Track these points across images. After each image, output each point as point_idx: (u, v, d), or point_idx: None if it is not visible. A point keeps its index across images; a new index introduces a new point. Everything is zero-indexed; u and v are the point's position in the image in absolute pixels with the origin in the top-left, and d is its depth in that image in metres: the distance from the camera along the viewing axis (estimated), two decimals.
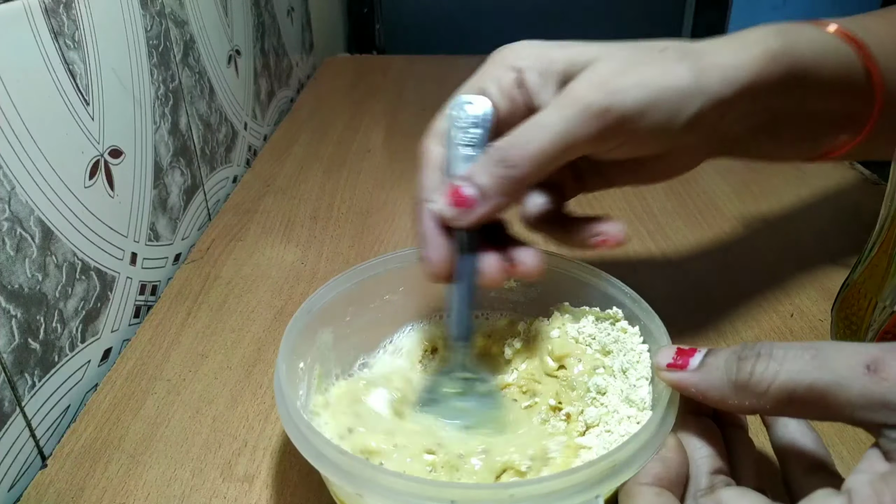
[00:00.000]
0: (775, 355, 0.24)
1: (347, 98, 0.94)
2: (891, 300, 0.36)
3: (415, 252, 0.37)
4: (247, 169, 0.73)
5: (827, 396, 0.22)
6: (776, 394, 0.23)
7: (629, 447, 0.26)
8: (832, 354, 0.23)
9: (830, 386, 0.22)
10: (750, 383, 0.24)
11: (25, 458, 0.38)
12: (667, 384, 0.27)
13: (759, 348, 0.24)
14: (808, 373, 0.23)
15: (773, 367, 0.23)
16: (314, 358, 0.35)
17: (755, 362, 0.24)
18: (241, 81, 0.74)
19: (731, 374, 0.25)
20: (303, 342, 0.34)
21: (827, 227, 0.58)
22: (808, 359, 0.23)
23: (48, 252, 0.40)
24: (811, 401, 0.23)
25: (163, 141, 0.55)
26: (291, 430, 0.28)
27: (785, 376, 0.23)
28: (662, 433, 0.26)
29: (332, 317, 0.36)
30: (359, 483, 0.25)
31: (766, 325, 0.46)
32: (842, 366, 0.22)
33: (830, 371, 0.22)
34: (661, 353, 0.27)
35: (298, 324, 0.34)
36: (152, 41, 0.53)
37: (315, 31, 1.12)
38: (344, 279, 0.37)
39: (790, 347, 0.24)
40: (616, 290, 0.36)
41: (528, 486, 0.25)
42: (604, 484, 0.25)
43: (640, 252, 0.55)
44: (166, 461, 0.37)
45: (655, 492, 0.25)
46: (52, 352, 0.40)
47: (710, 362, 0.26)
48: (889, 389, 0.21)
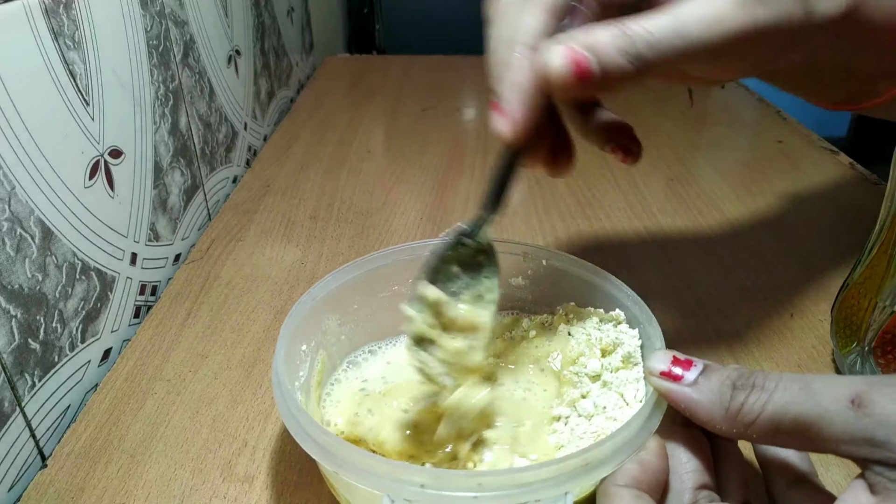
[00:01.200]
0: (766, 387, 0.24)
1: (347, 98, 0.94)
2: (891, 300, 0.36)
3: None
4: (247, 169, 0.73)
5: (811, 430, 0.23)
6: (763, 425, 0.23)
7: (605, 446, 0.26)
8: (819, 388, 0.23)
9: (815, 420, 0.22)
10: (740, 414, 0.24)
11: (25, 458, 0.38)
12: (656, 390, 0.27)
13: (754, 379, 0.24)
14: (795, 405, 0.23)
15: (763, 398, 0.23)
16: (318, 343, 0.36)
17: (749, 394, 0.24)
18: (241, 81, 0.74)
19: (724, 401, 0.24)
20: (306, 325, 0.35)
21: (827, 227, 0.58)
22: (795, 391, 0.23)
23: (48, 252, 0.40)
24: (796, 432, 0.23)
25: (163, 141, 0.55)
26: (281, 406, 0.29)
27: (772, 408, 0.23)
28: (642, 435, 0.26)
29: (338, 303, 0.37)
30: (337, 463, 0.26)
31: (766, 325, 0.46)
32: (827, 400, 0.22)
33: (816, 404, 0.22)
34: (656, 357, 0.27)
35: (303, 307, 0.34)
36: (152, 41, 0.53)
37: (315, 31, 1.12)
38: (351, 268, 0.38)
39: (781, 378, 0.24)
40: (619, 292, 0.36)
41: (497, 477, 0.25)
42: (575, 480, 0.25)
43: (639, 252, 0.55)
44: (166, 461, 0.37)
45: (635, 494, 0.25)
46: (52, 352, 0.40)
47: (703, 383, 0.25)
48: (872, 425, 0.21)
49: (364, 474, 0.25)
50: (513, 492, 0.24)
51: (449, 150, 0.75)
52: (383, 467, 0.26)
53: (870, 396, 0.22)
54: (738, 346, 0.44)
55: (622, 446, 0.26)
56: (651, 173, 0.69)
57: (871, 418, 0.21)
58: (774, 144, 0.75)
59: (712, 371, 0.26)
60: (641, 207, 0.62)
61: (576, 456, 0.25)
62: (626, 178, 0.68)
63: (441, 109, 0.88)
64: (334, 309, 0.37)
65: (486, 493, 0.24)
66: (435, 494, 0.25)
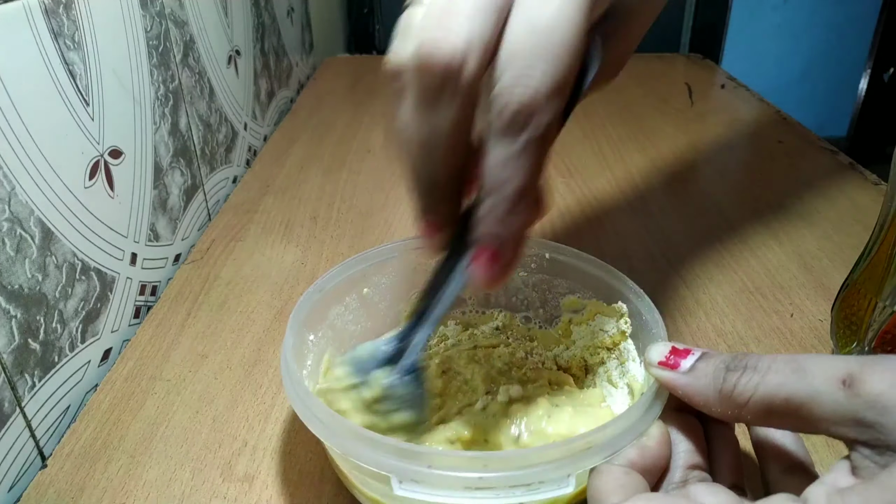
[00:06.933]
0: (759, 367, 0.24)
1: (347, 98, 0.94)
2: (891, 300, 0.36)
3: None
4: (247, 169, 0.73)
5: (802, 410, 0.23)
6: (756, 405, 0.24)
7: (608, 430, 0.26)
8: (811, 368, 0.23)
9: (805, 400, 0.22)
10: (733, 394, 0.24)
11: (25, 458, 0.38)
12: (655, 380, 0.28)
13: (748, 361, 0.24)
14: (786, 385, 0.23)
15: (756, 378, 0.24)
16: (325, 334, 0.37)
17: (741, 375, 0.24)
18: (241, 82, 0.74)
19: (717, 383, 0.25)
20: (314, 315, 0.35)
21: (827, 227, 0.58)
22: (788, 372, 0.23)
23: (48, 252, 0.40)
24: (788, 413, 0.23)
25: (163, 141, 0.55)
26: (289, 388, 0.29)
27: (764, 389, 0.23)
28: (644, 422, 0.27)
29: (343, 295, 0.38)
30: (344, 446, 0.26)
31: (766, 325, 0.46)
32: (819, 380, 0.22)
33: (807, 385, 0.22)
34: (655, 348, 0.27)
35: (312, 297, 0.35)
36: (152, 42, 0.53)
37: (315, 31, 1.12)
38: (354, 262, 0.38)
39: (774, 360, 0.24)
40: (622, 285, 0.36)
41: (501, 458, 0.26)
42: (577, 463, 0.25)
43: (639, 252, 0.55)
44: (166, 461, 0.37)
45: (624, 471, 0.25)
46: (52, 352, 0.40)
47: (699, 368, 0.26)
48: (861, 406, 0.21)
49: (371, 456, 0.26)
50: (517, 473, 0.25)
51: None
52: (390, 448, 0.26)
53: (861, 376, 0.22)
54: (738, 346, 0.44)
55: (624, 431, 0.26)
56: (651, 173, 0.69)
57: (861, 398, 0.21)
58: (774, 144, 0.75)
59: (708, 357, 0.26)
60: (641, 207, 0.62)
61: (579, 439, 0.26)
62: (626, 178, 0.68)
63: None
64: (340, 300, 0.38)
65: (490, 474, 0.25)
66: (441, 475, 0.25)
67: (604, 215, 0.61)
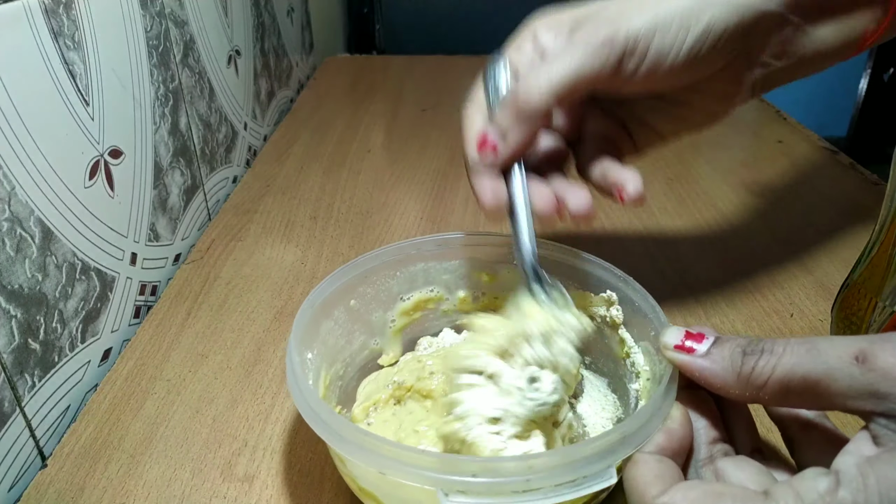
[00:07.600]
0: (775, 350, 0.25)
1: (347, 98, 0.94)
2: (891, 300, 0.36)
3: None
4: (247, 169, 0.73)
5: (819, 387, 0.24)
6: (773, 386, 0.25)
7: (636, 420, 0.27)
8: (824, 347, 0.24)
9: (822, 377, 0.24)
10: (752, 377, 0.25)
11: (25, 458, 0.38)
12: (671, 363, 0.28)
13: (763, 344, 0.26)
14: (802, 365, 0.24)
15: (773, 361, 0.25)
16: (319, 352, 0.36)
17: (759, 358, 0.25)
18: (241, 81, 0.74)
19: (736, 366, 0.26)
20: (310, 332, 0.35)
21: (827, 227, 0.58)
22: (802, 352, 0.24)
23: (48, 252, 0.40)
24: (805, 391, 0.24)
25: (163, 141, 0.55)
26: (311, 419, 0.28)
27: (781, 370, 0.25)
28: (667, 406, 0.28)
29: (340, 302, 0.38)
30: (377, 461, 0.26)
31: (766, 325, 0.46)
32: (832, 357, 0.23)
33: (822, 363, 0.24)
34: (670, 332, 0.28)
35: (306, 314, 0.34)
36: (152, 41, 0.53)
37: (315, 31, 1.12)
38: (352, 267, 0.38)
39: (789, 342, 0.25)
40: (608, 274, 0.37)
41: (545, 458, 0.26)
42: (615, 455, 0.26)
43: (639, 252, 0.55)
44: (166, 461, 0.37)
45: (657, 459, 0.26)
46: (52, 352, 0.40)
47: (715, 353, 0.27)
48: (876, 379, 0.22)
49: (412, 471, 0.25)
50: (562, 471, 0.25)
51: (449, 150, 0.75)
52: (431, 461, 0.26)
53: (873, 352, 0.23)
54: None
55: (650, 418, 0.27)
56: (651, 173, 0.69)
57: (875, 372, 0.22)
58: (774, 144, 0.75)
59: (723, 341, 0.27)
60: (641, 207, 0.62)
61: (613, 432, 0.26)
62: None
63: (441, 109, 0.88)
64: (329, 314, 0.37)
65: (537, 475, 0.25)
66: (488, 482, 0.25)
67: (603, 215, 0.61)
